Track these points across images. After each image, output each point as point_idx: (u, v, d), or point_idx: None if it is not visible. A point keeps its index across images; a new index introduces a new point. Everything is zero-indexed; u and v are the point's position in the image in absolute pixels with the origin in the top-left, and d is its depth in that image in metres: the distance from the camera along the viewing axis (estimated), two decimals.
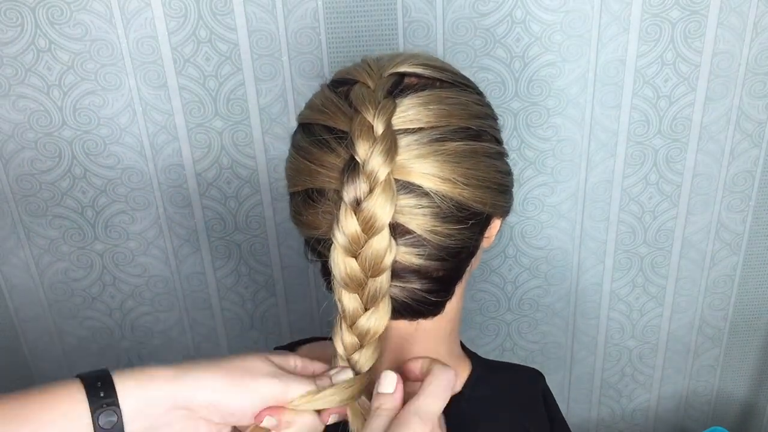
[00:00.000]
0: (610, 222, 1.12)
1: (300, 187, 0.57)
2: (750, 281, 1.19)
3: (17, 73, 0.95)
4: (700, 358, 1.26)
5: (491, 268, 1.15)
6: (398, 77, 0.56)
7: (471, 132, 0.55)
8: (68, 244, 1.08)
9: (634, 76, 1.01)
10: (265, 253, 1.11)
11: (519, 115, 1.02)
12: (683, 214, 1.12)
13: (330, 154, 0.54)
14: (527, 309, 1.19)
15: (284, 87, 0.99)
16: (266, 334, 1.19)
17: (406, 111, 0.53)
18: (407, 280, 0.56)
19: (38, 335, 1.16)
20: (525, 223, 1.11)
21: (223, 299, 1.15)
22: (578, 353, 1.24)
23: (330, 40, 0.96)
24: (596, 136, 1.05)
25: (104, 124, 0.99)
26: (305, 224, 0.58)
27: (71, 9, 0.91)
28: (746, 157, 1.08)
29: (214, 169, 1.04)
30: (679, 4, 0.96)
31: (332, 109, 0.55)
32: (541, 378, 0.73)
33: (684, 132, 1.05)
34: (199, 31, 0.94)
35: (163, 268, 1.11)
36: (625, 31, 0.98)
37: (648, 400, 1.30)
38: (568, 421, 0.78)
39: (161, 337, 1.17)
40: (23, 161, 1.01)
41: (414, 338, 0.63)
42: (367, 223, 0.52)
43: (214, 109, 1.00)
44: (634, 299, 1.19)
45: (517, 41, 0.97)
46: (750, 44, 1.00)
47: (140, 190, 1.04)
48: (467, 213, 0.55)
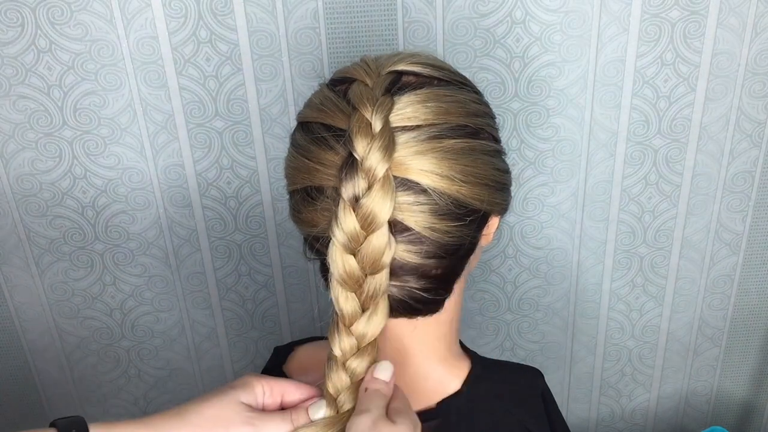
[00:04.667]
0: (610, 222, 1.12)
1: (299, 185, 0.57)
2: (749, 281, 1.19)
3: (17, 73, 0.95)
4: (700, 357, 1.26)
5: (491, 268, 1.15)
6: (396, 75, 0.56)
7: (469, 129, 0.56)
8: (68, 244, 1.08)
9: (633, 76, 1.01)
10: (265, 253, 1.11)
11: (519, 115, 1.03)
12: (683, 214, 1.12)
13: (328, 152, 0.54)
14: (527, 309, 1.19)
15: (284, 87, 0.99)
16: (266, 334, 1.19)
17: (404, 108, 0.54)
18: (405, 279, 0.56)
19: (38, 335, 1.16)
20: (525, 223, 1.11)
21: (223, 299, 1.15)
22: (578, 353, 1.24)
23: (330, 40, 0.97)
24: (596, 136, 1.05)
25: (104, 124, 0.99)
26: (304, 222, 0.58)
27: (71, 9, 0.92)
28: (746, 157, 1.08)
29: (214, 169, 1.04)
30: (678, 5, 0.96)
31: (330, 108, 0.55)
32: (541, 377, 0.73)
33: (684, 132, 1.05)
34: (199, 31, 0.95)
35: (163, 268, 1.11)
36: (625, 31, 0.98)
37: (648, 399, 1.30)
38: (568, 421, 0.78)
39: (161, 337, 1.17)
40: (23, 161, 1.01)
41: (413, 336, 0.63)
42: (365, 220, 0.52)
43: (214, 109, 1.00)
44: (634, 299, 1.19)
45: (517, 41, 0.98)
46: (750, 44, 1.00)
47: (140, 190, 1.05)
48: (465, 210, 0.55)
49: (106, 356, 1.18)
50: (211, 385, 1.23)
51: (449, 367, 0.67)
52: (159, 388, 1.22)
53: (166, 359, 1.20)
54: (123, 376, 1.21)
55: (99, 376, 1.20)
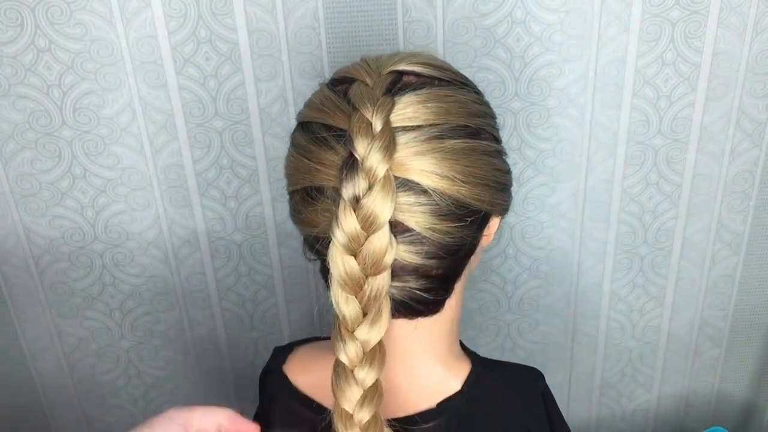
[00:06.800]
0: (610, 222, 1.12)
1: (299, 186, 0.57)
2: (750, 281, 1.19)
3: (17, 73, 0.95)
4: (701, 358, 1.26)
5: (491, 268, 1.15)
6: (397, 75, 0.56)
7: (469, 130, 0.55)
8: (68, 244, 1.08)
9: (634, 76, 1.01)
10: (265, 253, 1.11)
11: (519, 115, 1.02)
12: (683, 214, 1.12)
13: (329, 152, 0.54)
14: (527, 309, 1.19)
15: (284, 87, 0.99)
16: (266, 334, 1.19)
17: (405, 108, 0.53)
18: (406, 279, 0.56)
19: (38, 335, 1.16)
20: (525, 223, 1.11)
21: (223, 299, 1.15)
22: (578, 353, 1.24)
23: (330, 40, 0.96)
24: (596, 136, 1.05)
25: (104, 124, 0.99)
26: (304, 223, 0.58)
27: (71, 9, 0.91)
28: (746, 157, 1.08)
29: (214, 169, 1.04)
30: (679, 4, 0.96)
31: (331, 108, 0.55)
32: (541, 377, 0.73)
33: (684, 132, 1.05)
34: (199, 31, 0.94)
35: (163, 268, 1.11)
36: (626, 31, 0.98)
37: (648, 400, 1.30)
38: (568, 421, 0.78)
39: (161, 337, 1.17)
40: (23, 161, 1.01)
41: (413, 337, 0.63)
42: (366, 221, 0.52)
43: (214, 109, 1.00)
44: (634, 299, 1.19)
45: (517, 41, 0.97)
46: (750, 44, 1.00)
47: (140, 190, 1.04)
48: (466, 211, 0.55)
49: (106, 356, 1.18)
50: (210, 386, 1.23)
51: (449, 367, 0.66)
52: (159, 388, 1.22)
53: (165, 359, 1.19)
54: (122, 376, 1.21)
55: (98, 376, 1.20)
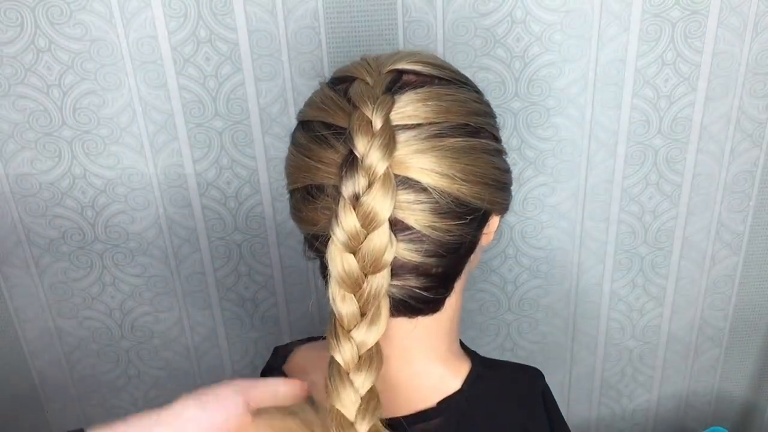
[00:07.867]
0: (610, 222, 1.12)
1: (299, 184, 0.57)
2: (750, 281, 1.19)
3: (17, 73, 0.95)
4: (701, 358, 1.26)
5: (491, 268, 1.15)
6: (397, 74, 0.56)
7: (469, 128, 0.55)
8: (68, 244, 1.08)
9: (634, 76, 1.01)
10: (265, 253, 1.11)
11: (519, 115, 1.02)
12: (683, 214, 1.12)
13: (329, 150, 0.54)
14: (527, 309, 1.19)
15: (284, 87, 0.99)
16: (266, 334, 1.19)
17: (405, 107, 0.54)
18: (405, 278, 0.56)
19: (38, 335, 1.16)
20: (525, 223, 1.11)
21: (223, 299, 1.15)
22: (578, 353, 1.24)
23: (330, 40, 0.97)
24: (596, 136, 1.05)
25: (104, 124, 0.99)
26: (304, 221, 0.58)
27: (71, 9, 0.92)
28: (746, 157, 1.08)
29: (214, 169, 1.04)
30: (679, 4, 0.96)
31: (331, 106, 0.55)
32: (541, 377, 0.73)
33: (684, 132, 1.05)
34: (199, 31, 0.94)
35: (163, 268, 1.11)
36: (626, 31, 0.98)
37: (648, 400, 1.30)
38: (568, 421, 0.77)
39: (161, 337, 1.17)
40: (23, 161, 1.01)
41: (413, 335, 0.63)
42: (366, 218, 0.52)
43: (214, 109, 1.00)
44: (635, 299, 1.19)
45: (517, 41, 0.97)
46: (750, 44, 1.00)
47: (140, 190, 1.04)
48: (465, 209, 0.55)
49: (106, 356, 1.18)
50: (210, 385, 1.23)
51: (449, 367, 0.66)
52: (159, 388, 1.22)
53: (165, 359, 1.19)
54: (123, 376, 1.21)
55: (98, 376, 1.20)
